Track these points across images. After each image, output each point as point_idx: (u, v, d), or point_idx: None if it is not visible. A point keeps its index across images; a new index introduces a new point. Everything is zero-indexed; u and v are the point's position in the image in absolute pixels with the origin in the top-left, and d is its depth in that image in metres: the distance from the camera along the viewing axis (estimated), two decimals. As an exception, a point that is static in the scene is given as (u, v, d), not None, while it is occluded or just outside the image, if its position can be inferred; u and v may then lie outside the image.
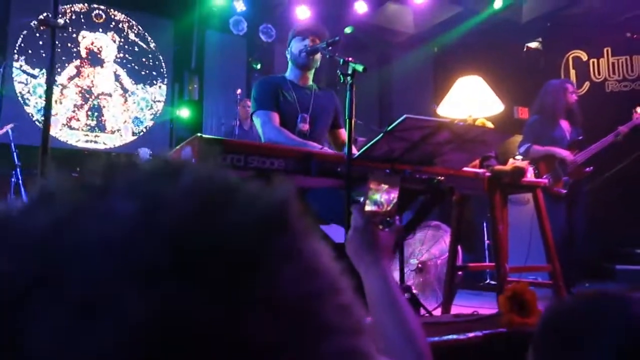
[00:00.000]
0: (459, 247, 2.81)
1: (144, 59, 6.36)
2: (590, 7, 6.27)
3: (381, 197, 1.04)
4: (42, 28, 1.47)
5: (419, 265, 3.08)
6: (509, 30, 6.68)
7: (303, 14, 6.38)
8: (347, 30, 6.86)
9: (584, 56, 6.37)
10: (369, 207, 1.02)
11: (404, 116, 1.76)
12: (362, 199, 1.04)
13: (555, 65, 6.47)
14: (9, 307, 0.24)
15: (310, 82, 2.62)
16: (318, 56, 2.51)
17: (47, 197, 0.28)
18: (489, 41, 6.51)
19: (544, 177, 3.64)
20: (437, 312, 2.54)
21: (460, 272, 2.82)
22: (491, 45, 6.52)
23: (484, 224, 4.66)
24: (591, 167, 3.78)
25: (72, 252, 0.25)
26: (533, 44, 7.20)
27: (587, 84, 6.31)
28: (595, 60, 6.29)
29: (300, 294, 0.27)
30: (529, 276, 3.92)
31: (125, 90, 6.24)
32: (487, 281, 4.49)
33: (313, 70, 2.61)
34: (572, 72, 6.43)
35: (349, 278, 0.32)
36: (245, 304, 0.25)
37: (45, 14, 1.63)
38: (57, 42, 1.83)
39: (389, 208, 1.03)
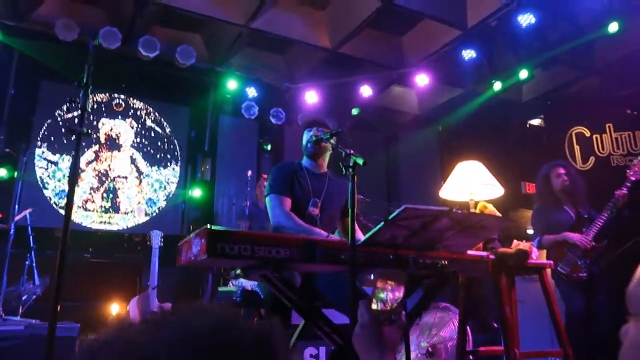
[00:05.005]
0: (469, 330, 2.76)
1: (159, 143, 6.65)
2: (588, 86, 6.51)
3: (387, 294, 1.09)
4: (70, 134, 1.62)
5: (429, 349, 3.01)
6: (510, 109, 6.92)
7: (311, 98, 6.70)
8: (354, 111, 7.15)
9: (586, 132, 6.52)
10: (375, 304, 1.07)
11: (403, 206, 1.83)
12: (370, 294, 1.09)
13: (558, 141, 6.61)
14: None
15: (325, 170, 2.72)
16: (327, 144, 2.62)
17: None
18: (492, 119, 6.73)
19: (559, 267, 3.59)
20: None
21: (471, 357, 2.75)
22: (494, 123, 6.73)
23: (497, 303, 4.55)
24: (605, 241, 3.65)
25: None
26: (535, 121, 7.41)
27: (592, 159, 6.41)
28: (598, 135, 6.43)
29: None
30: (547, 361, 3.76)
31: (140, 173, 6.47)
32: (504, 364, 4.32)
33: (326, 158, 2.71)
34: (577, 148, 6.55)
35: None
36: None
37: (73, 121, 1.78)
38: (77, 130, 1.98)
39: (394, 305, 1.08)
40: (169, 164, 6.66)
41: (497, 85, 6.39)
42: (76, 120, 5.85)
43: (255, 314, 3.27)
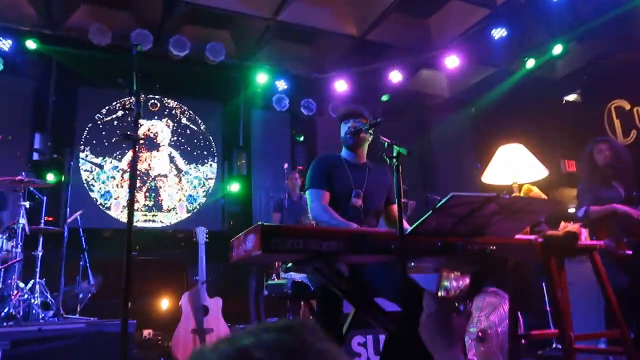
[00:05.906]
0: (519, 314, 2.75)
1: (195, 140, 6.80)
2: (627, 57, 6.28)
3: (451, 282, 1.11)
4: (126, 140, 1.71)
5: (480, 334, 3.01)
6: (545, 86, 6.74)
7: (341, 87, 6.69)
8: (384, 98, 7.11)
9: (626, 105, 6.30)
10: (440, 293, 1.09)
11: (451, 194, 1.83)
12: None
13: (597, 116, 6.42)
14: None
15: (365, 160, 2.73)
16: (366, 135, 2.62)
17: None
18: (527, 98, 6.57)
19: (604, 242, 3.50)
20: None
21: (523, 341, 2.74)
22: (529, 101, 6.58)
23: (543, 285, 4.50)
24: None
25: None
26: (571, 97, 7.19)
27: (634, 133, 6.20)
28: (639, 108, 6.21)
29: None
30: (600, 343, 3.69)
31: (179, 171, 6.64)
32: (554, 345, 4.27)
33: (365, 148, 2.72)
34: (617, 122, 6.35)
35: None
36: None
37: (129, 132, 1.87)
38: (117, 132, 2.08)
39: (458, 293, 1.10)
40: (206, 160, 6.81)
41: (530, 63, 6.24)
42: (115, 122, 6.00)
43: (302, 305, 3.34)
